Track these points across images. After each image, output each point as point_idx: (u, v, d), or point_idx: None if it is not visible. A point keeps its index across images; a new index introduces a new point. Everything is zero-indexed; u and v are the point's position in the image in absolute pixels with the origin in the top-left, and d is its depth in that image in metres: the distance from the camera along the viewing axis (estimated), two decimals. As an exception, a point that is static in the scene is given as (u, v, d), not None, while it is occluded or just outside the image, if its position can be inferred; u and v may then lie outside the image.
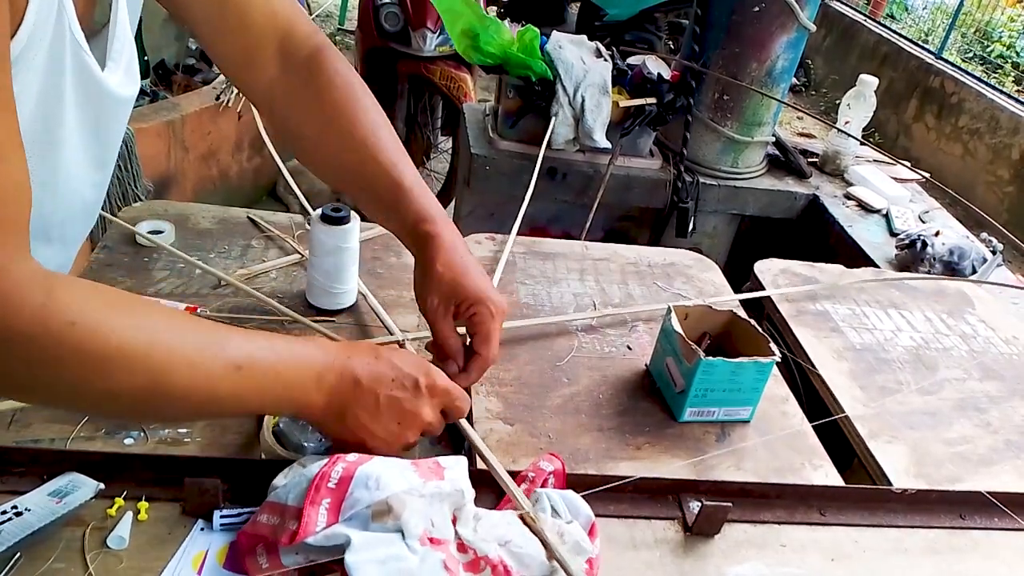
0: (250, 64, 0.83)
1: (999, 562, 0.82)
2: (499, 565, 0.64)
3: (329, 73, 0.83)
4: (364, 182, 0.84)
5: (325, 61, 0.83)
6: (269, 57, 0.83)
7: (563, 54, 1.89)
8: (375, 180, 0.82)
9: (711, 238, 2.17)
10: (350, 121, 0.82)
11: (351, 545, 0.60)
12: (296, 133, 0.86)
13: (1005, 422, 1.11)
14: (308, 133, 0.85)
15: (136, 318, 0.59)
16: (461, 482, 0.69)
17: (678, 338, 0.95)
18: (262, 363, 0.64)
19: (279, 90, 0.84)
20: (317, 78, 0.83)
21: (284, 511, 0.64)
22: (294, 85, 0.83)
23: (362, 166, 0.82)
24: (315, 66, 0.83)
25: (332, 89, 0.83)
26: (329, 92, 0.83)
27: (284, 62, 0.83)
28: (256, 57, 0.82)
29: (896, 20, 7.35)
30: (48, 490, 0.67)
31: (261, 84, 0.84)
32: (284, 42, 0.83)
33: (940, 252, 1.66)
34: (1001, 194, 5.00)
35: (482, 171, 1.96)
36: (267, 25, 0.82)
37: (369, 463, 0.67)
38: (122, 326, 0.57)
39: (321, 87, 0.83)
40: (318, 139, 0.84)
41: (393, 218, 0.83)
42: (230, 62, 0.84)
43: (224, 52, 0.83)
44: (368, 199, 0.85)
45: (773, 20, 1.90)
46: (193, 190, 2.79)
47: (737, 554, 0.77)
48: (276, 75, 0.83)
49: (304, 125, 0.85)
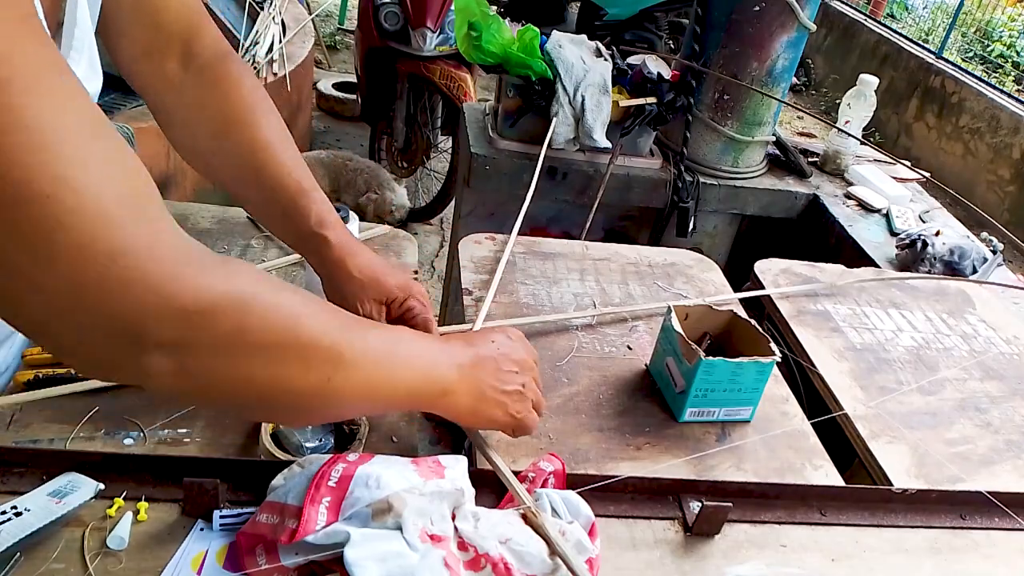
0: (151, 54, 0.80)
1: (999, 562, 0.82)
2: (500, 563, 0.64)
3: (235, 77, 0.82)
4: (261, 187, 0.82)
5: (232, 66, 0.82)
6: (173, 51, 0.81)
7: (563, 53, 1.89)
8: (273, 184, 0.80)
9: (711, 238, 2.17)
10: (251, 126, 0.80)
11: (351, 541, 0.60)
12: (187, 133, 0.84)
13: (1006, 422, 1.11)
14: (203, 134, 0.83)
15: (322, 311, 0.60)
16: (461, 481, 0.69)
17: (678, 338, 0.95)
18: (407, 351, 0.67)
19: (177, 88, 0.82)
20: (223, 81, 0.81)
21: (284, 510, 0.64)
22: (194, 84, 0.81)
23: (260, 171, 0.80)
24: (222, 70, 0.82)
25: (238, 93, 0.81)
26: (235, 94, 0.81)
27: (187, 60, 0.82)
28: (159, 48, 0.80)
29: (896, 19, 7.35)
30: (47, 490, 0.66)
31: (156, 77, 0.81)
32: (191, 41, 0.81)
33: (941, 252, 1.66)
34: (1002, 194, 5.00)
35: (482, 171, 1.96)
36: (179, 18, 0.80)
37: (369, 463, 0.67)
38: (313, 317, 0.57)
39: (226, 90, 0.81)
40: (214, 142, 0.82)
41: (290, 225, 0.82)
42: (130, 49, 0.81)
43: (129, 37, 0.80)
44: (264, 204, 0.84)
45: (773, 19, 1.90)
46: (193, 190, 2.79)
47: (737, 554, 0.77)
48: (176, 71, 0.81)
49: (200, 126, 0.83)
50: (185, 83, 0.82)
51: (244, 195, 0.85)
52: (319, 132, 4.04)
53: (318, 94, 4.19)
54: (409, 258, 1.18)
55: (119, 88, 2.69)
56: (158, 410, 0.84)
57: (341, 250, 0.80)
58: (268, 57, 3.07)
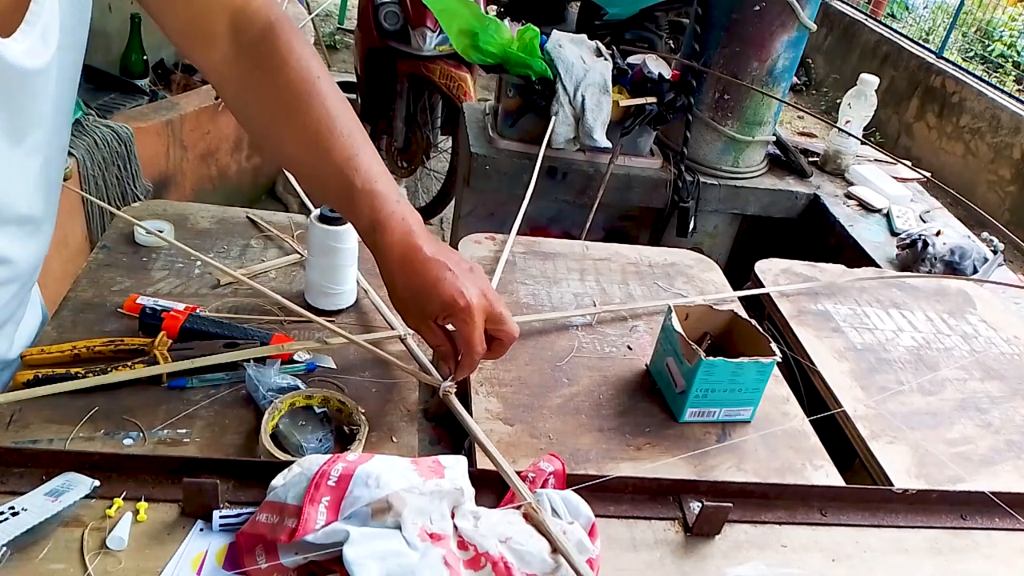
0: (200, 38, 0.79)
1: (1000, 562, 0.82)
2: (500, 562, 0.63)
3: (283, 53, 0.78)
4: (316, 179, 0.80)
5: (279, 38, 0.79)
6: (221, 32, 0.79)
7: (563, 53, 1.89)
8: (326, 179, 0.78)
9: (712, 238, 2.17)
10: (302, 110, 0.77)
11: (350, 539, 0.60)
12: (247, 116, 0.83)
13: (1006, 422, 1.11)
14: (259, 118, 0.81)
15: None
16: (461, 481, 0.69)
17: (679, 338, 0.95)
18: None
19: (231, 70, 0.80)
20: (270, 58, 0.78)
21: (283, 509, 0.64)
22: (245, 66, 0.79)
23: (314, 163, 0.78)
24: (268, 45, 0.78)
25: (285, 71, 0.78)
26: (282, 74, 0.78)
27: (236, 38, 0.79)
28: (206, 31, 0.79)
29: (897, 19, 7.35)
30: (45, 490, 0.66)
31: (212, 61, 0.80)
32: (237, 16, 0.79)
33: (941, 252, 1.66)
34: (1002, 193, 4.99)
35: (482, 170, 1.96)
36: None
37: (369, 462, 0.66)
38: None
39: (273, 68, 0.78)
40: (268, 127, 0.81)
41: (349, 219, 0.82)
42: (180, 35, 0.80)
43: (173, 24, 0.79)
44: (321, 197, 0.84)
45: (774, 19, 1.90)
46: (192, 189, 2.79)
47: (738, 555, 0.77)
48: (228, 52, 0.79)
49: (255, 108, 0.81)
50: (238, 68, 0.80)
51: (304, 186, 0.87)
52: (319, 132, 4.04)
53: (318, 94, 4.18)
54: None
55: (119, 88, 2.69)
56: (158, 410, 0.83)
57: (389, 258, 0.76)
58: (268, 57, 3.07)
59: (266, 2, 0.81)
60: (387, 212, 0.76)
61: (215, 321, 0.94)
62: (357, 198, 0.76)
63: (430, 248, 0.76)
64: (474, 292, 0.76)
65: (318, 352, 0.94)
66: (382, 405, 0.89)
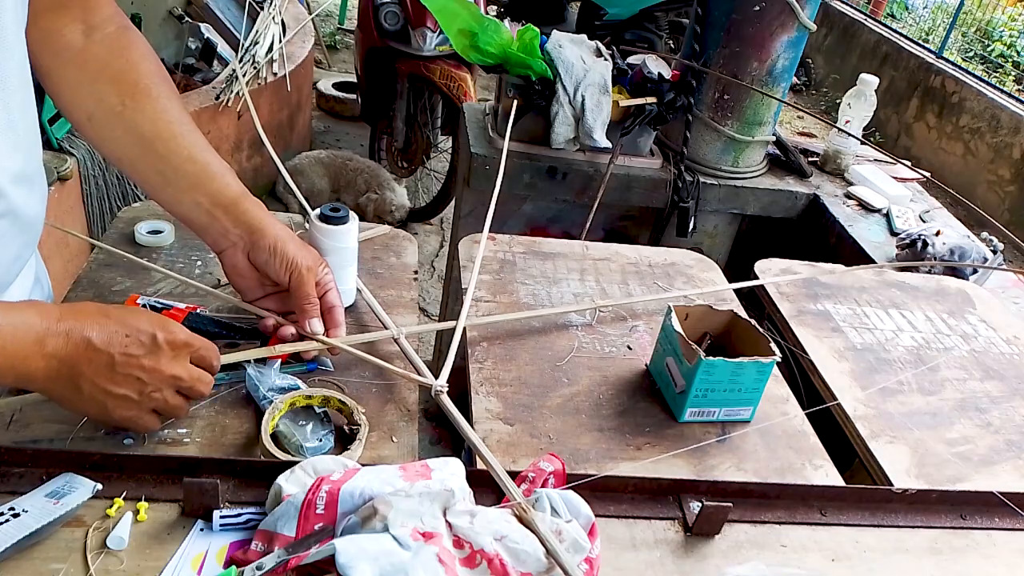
0: (47, 12, 0.79)
1: (1000, 562, 0.82)
2: (495, 560, 0.63)
3: (142, 51, 0.84)
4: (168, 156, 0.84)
5: (138, 40, 0.84)
6: (72, 15, 0.81)
7: (563, 53, 1.89)
8: (185, 154, 0.84)
9: (712, 238, 2.17)
10: (161, 97, 0.83)
11: (339, 548, 0.60)
12: (89, 101, 0.83)
13: (1006, 422, 1.11)
14: (105, 102, 0.82)
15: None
16: (450, 482, 0.68)
17: (679, 338, 0.95)
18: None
19: (79, 55, 0.81)
20: (129, 51, 0.82)
21: (274, 538, 0.64)
22: (99, 53, 0.82)
23: (169, 141, 0.83)
24: (126, 40, 0.83)
25: (146, 65, 0.83)
26: (144, 66, 0.83)
27: (89, 30, 0.82)
28: (57, 7, 0.80)
29: (897, 19, 7.35)
30: (45, 491, 0.66)
31: (55, 39, 0.81)
32: (90, 10, 0.82)
33: (941, 252, 1.66)
34: (1002, 193, 5.00)
35: (482, 170, 1.96)
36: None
37: (353, 479, 0.66)
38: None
39: (135, 60, 0.83)
40: (116, 110, 0.82)
41: (201, 194, 0.86)
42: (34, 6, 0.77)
43: None
44: (169, 173, 0.85)
45: (773, 19, 1.90)
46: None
47: (738, 554, 0.77)
48: (78, 38, 0.81)
49: (103, 94, 0.82)
50: (88, 51, 0.82)
51: (143, 165, 0.85)
52: (319, 132, 4.04)
53: (318, 94, 4.19)
54: (409, 258, 1.18)
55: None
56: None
57: (261, 220, 0.86)
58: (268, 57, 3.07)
59: (119, 11, 0.86)
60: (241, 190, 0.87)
61: (215, 321, 0.94)
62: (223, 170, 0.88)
63: None
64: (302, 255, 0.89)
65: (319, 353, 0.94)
66: (382, 405, 0.89)
